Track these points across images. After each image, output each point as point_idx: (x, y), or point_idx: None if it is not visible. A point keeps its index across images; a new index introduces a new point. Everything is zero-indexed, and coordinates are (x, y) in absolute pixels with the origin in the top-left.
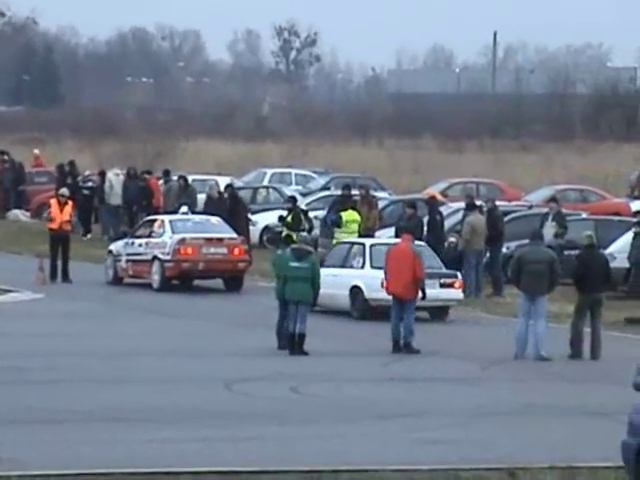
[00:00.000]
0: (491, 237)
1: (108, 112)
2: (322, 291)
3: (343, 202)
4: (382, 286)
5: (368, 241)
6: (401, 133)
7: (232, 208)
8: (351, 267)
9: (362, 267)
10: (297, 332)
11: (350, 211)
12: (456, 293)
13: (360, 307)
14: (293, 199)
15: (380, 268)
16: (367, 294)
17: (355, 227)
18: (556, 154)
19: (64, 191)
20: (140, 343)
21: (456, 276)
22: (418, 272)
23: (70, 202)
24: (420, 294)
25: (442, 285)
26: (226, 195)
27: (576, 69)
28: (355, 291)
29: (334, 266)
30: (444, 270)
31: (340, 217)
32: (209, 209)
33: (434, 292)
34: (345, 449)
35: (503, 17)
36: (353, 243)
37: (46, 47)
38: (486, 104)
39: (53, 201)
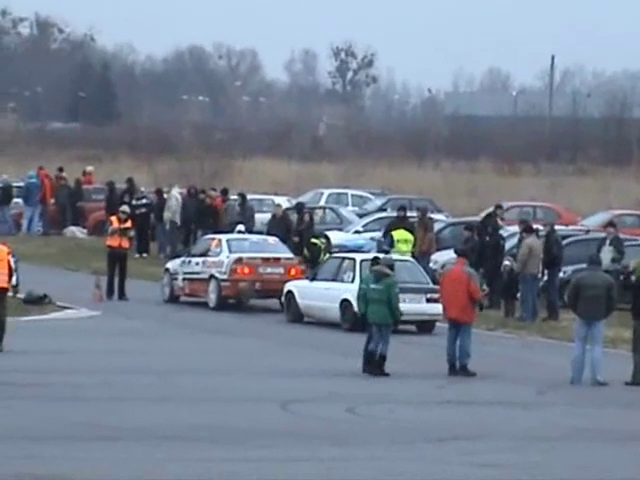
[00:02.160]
0: (549, 261)
1: (164, 130)
2: (314, 303)
3: (398, 224)
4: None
5: (359, 256)
6: (457, 155)
7: (304, 227)
8: (342, 281)
9: (352, 281)
10: (378, 353)
11: (402, 230)
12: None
13: (349, 320)
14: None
15: None
16: (356, 307)
17: (406, 247)
18: (612, 178)
19: (125, 208)
20: (196, 361)
21: None
22: (475, 294)
23: (130, 220)
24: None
25: (428, 300)
26: (303, 214)
27: (633, 93)
28: (345, 304)
29: (326, 280)
30: (431, 285)
31: (391, 237)
32: (273, 228)
33: (421, 307)
34: (401, 471)
35: (560, 41)
36: (344, 258)
37: (103, 64)
38: (543, 127)
39: (114, 218)
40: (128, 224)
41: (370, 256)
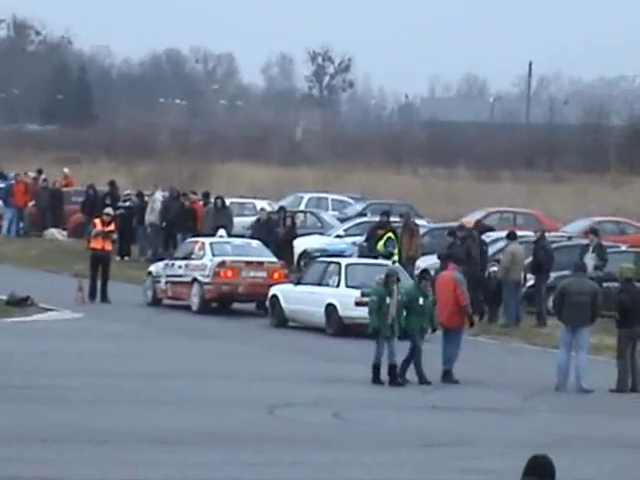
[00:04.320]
0: (536, 267)
1: (142, 133)
2: (299, 307)
3: (381, 228)
4: None
5: (344, 260)
6: (435, 161)
7: (289, 231)
8: (327, 285)
9: (337, 286)
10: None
11: (389, 233)
12: None
13: (335, 324)
14: None
15: (355, 287)
16: (341, 312)
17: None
18: (590, 185)
19: (109, 211)
20: (181, 365)
21: None
22: (461, 300)
23: (113, 222)
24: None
25: None
26: (286, 218)
27: (610, 100)
28: (330, 309)
29: (311, 284)
30: None
31: (389, 238)
32: (256, 232)
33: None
34: (389, 476)
35: (537, 48)
36: (329, 262)
37: (80, 67)
38: (520, 134)
39: (97, 220)
40: (111, 227)
41: (355, 260)
